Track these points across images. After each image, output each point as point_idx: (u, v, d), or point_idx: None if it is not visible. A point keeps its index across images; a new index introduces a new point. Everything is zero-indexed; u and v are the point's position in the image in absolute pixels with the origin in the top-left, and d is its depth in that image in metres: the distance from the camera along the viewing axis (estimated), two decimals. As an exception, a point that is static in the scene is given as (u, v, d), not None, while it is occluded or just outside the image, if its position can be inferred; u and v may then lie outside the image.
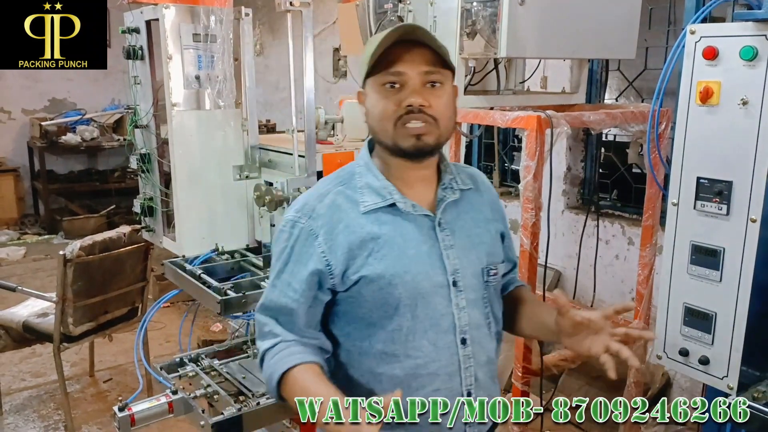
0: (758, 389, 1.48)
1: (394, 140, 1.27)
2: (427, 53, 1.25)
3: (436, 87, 1.27)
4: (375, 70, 1.26)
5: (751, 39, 1.37)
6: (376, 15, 2.36)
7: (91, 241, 3.07)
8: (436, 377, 1.31)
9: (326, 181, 1.38)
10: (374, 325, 1.30)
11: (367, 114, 1.32)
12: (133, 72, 2.46)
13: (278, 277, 1.33)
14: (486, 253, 1.38)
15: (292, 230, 1.32)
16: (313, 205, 1.32)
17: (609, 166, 3.95)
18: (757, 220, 1.39)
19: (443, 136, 1.29)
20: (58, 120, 7.10)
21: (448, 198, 1.35)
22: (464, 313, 1.33)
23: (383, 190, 1.31)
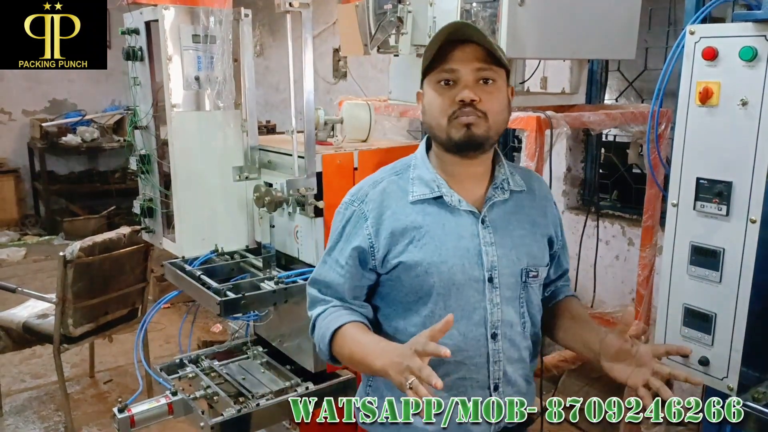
0: (758, 390, 1.48)
1: (447, 133, 1.33)
2: (480, 51, 1.31)
3: (489, 84, 1.32)
4: (430, 68, 1.34)
5: (751, 39, 1.37)
6: (375, 16, 2.36)
7: (91, 242, 3.07)
8: (462, 366, 1.36)
9: (383, 170, 1.47)
10: (410, 310, 1.38)
11: (424, 112, 1.39)
12: (133, 73, 2.45)
13: (329, 254, 1.46)
14: (527, 255, 1.41)
15: (345, 212, 1.43)
16: (366, 191, 1.42)
17: (609, 166, 3.94)
18: (757, 220, 1.39)
19: (492, 130, 1.34)
20: (58, 121, 7.11)
21: (497, 197, 1.41)
22: (497, 309, 1.37)
23: (432, 182, 1.39)
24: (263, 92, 6.54)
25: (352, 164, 2.18)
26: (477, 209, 1.39)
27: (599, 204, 3.74)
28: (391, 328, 1.41)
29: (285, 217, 2.23)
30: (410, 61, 2.38)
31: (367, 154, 2.21)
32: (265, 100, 6.66)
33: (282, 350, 2.35)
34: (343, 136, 2.36)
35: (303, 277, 2.13)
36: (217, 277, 2.20)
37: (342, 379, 2.19)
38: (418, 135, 4.94)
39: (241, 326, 2.54)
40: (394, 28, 2.28)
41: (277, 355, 2.35)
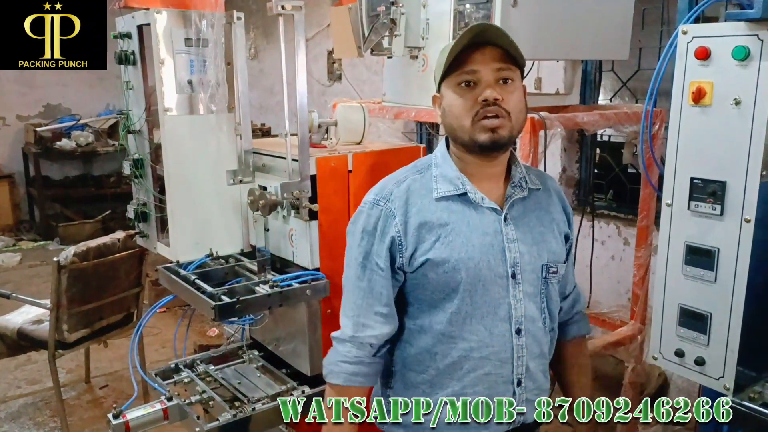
0: (754, 390, 1.48)
1: (471, 135, 1.34)
2: (497, 52, 1.33)
3: (508, 83, 1.35)
4: (450, 71, 1.35)
5: (743, 39, 1.37)
6: (368, 18, 2.35)
7: (85, 247, 3.06)
8: (488, 362, 1.39)
9: (405, 170, 1.48)
10: (436, 307, 1.39)
11: (444, 114, 1.40)
12: (126, 77, 2.44)
13: (367, 258, 1.42)
14: (547, 251, 1.44)
15: (372, 211, 1.42)
16: (391, 189, 1.42)
17: (604, 166, 3.95)
18: (751, 220, 1.39)
19: (515, 129, 1.36)
20: (52, 126, 7.09)
21: (516, 195, 1.43)
22: (521, 305, 1.40)
23: (456, 180, 1.40)
24: (258, 95, 6.53)
25: (347, 167, 2.17)
26: (499, 206, 1.41)
27: (595, 204, 3.74)
28: (416, 326, 1.43)
29: (279, 221, 2.22)
30: (404, 62, 2.38)
31: (361, 156, 2.20)
32: (259, 103, 6.65)
33: (278, 354, 2.34)
34: (338, 139, 2.35)
35: (298, 281, 2.12)
36: (212, 282, 2.19)
37: (338, 383, 2.18)
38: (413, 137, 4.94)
39: (236, 330, 2.53)
40: (387, 30, 2.27)
41: (272, 359, 2.34)
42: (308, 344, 2.14)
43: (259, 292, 2.09)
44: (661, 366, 1.65)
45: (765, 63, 1.34)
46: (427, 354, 1.41)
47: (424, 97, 2.28)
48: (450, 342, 1.38)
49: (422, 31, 2.25)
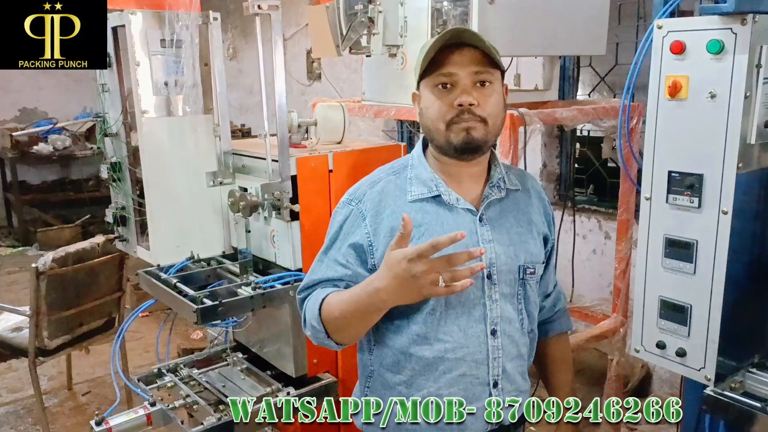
0: (735, 379, 1.49)
1: (445, 138, 1.34)
2: (476, 54, 1.32)
3: (486, 86, 1.34)
4: (428, 71, 1.34)
5: (717, 33, 1.38)
6: (346, 17, 2.34)
7: (63, 253, 3.02)
8: (463, 362, 1.38)
9: (381, 170, 1.48)
10: (411, 307, 1.37)
11: (421, 114, 1.39)
12: (101, 80, 2.42)
13: (325, 253, 1.45)
14: (525, 252, 1.43)
15: (342, 211, 1.44)
16: (364, 191, 1.43)
17: (584, 161, 3.98)
18: (729, 211, 1.40)
19: (491, 133, 1.36)
20: (29, 130, 6.98)
21: (494, 196, 1.43)
22: (496, 306, 1.39)
23: (430, 182, 1.40)
24: (237, 95, 6.49)
25: (327, 166, 2.17)
26: (474, 207, 1.41)
27: (575, 199, 3.77)
28: (392, 326, 1.42)
29: (261, 222, 2.21)
30: (383, 61, 2.38)
31: (341, 155, 2.20)
32: (239, 103, 6.61)
33: (262, 356, 2.33)
34: (318, 139, 2.34)
35: (281, 282, 2.11)
36: (194, 285, 2.17)
37: (323, 383, 2.18)
38: (393, 135, 4.94)
39: (220, 333, 2.51)
40: (366, 28, 2.27)
41: (257, 361, 2.33)
42: (292, 346, 2.13)
43: (241, 294, 2.07)
44: (643, 358, 1.66)
45: (739, 56, 1.35)
46: (402, 355, 1.40)
47: (404, 96, 2.28)
48: (425, 342, 1.38)
49: (400, 29, 2.25)
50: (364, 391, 1.49)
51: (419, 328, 1.37)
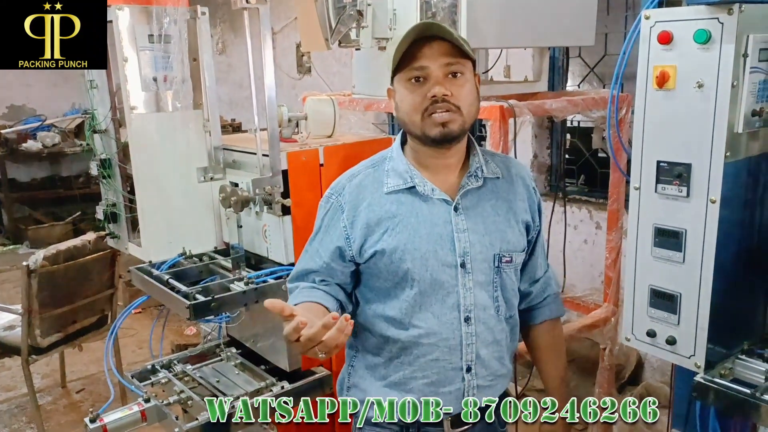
0: (725, 366, 1.50)
1: (422, 130, 1.38)
2: (446, 46, 1.35)
3: (458, 77, 1.37)
4: (400, 66, 1.38)
5: (705, 22, 1.38)
6: (335, 10, 2.34)
7: (54, 250, 3.01)
8: (436, 348, 1.43)
9: (362, 164, 1.53)
10: (389, 294, 1.44)
11: (397, 108, 1.43)
12: (89, 76, 2.40)
13: (310, 244, 1.54)
14: (501, 241, 1.46)
15: (325, 205, 1.50)
16: (344, 184, 1.48)
17: (575, 151, 3.99)
18: (717, 200, 1.41)
19: (467, 122, 1.40)
20: (17, 127, 6.93)
21: (470, 185, 1.45)
22: (470, 294, 1.43)
23: (405, 173, 1.44)
24: (227, 90, 6.47)
25: (318, 160, 2.17)
26: (451, 197, 1.43)
27: (566, 189, 3.78)
28: (373, 312, 1.48)
29: (252, 217, 2.21)
30: (372, 54, 2.37)
31: (332, 149, 2.19)
32: (229, 98, 6.58)
33: (256, 350, 2.33)
34: (308, 133, 2.34)
35: (273, 277, 2.11)
36: (186, 281, 2.17)
37: (317, 377, 2.18)
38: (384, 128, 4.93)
39: (213, 329, 2.51)
40: (355, 21, 2.26)
41: (251, 356, 2.33)
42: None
43: (234, 290, 2.07)
44: (634, 347, 1.67)
45: (726, 46, 1.36)
46: (381, 338, 1.47)
47: (394, 88, 2.27)
48: (401, 327, 1.44)
49: (389, 22, 2.25)
50: (348, 370, 1.57)
51: (396, 313, 1.44)
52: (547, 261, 1.66)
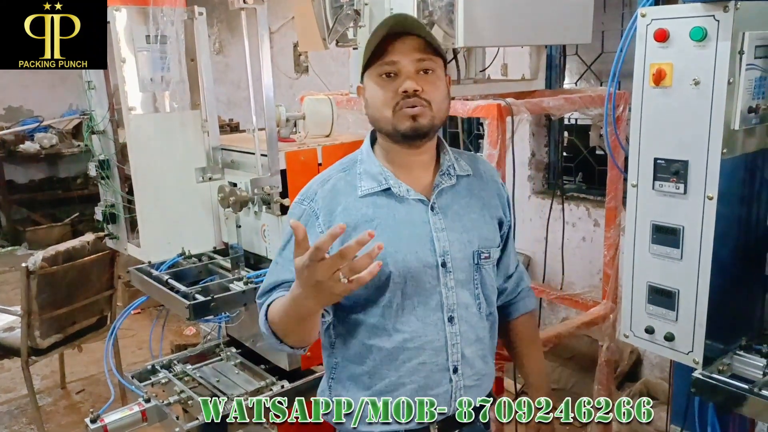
0: (723, 362, 1.51)
1: (393, 125, 1.35)
2: (418, 42, 1.34)
3: (429, 73, 1.35)
4: (371, 62, 1.36)
5: (700, 20, 1.39)
6: (332, 9, 2.34)
7: (54, 252, 3.01)
8: (423, 351, 1.40)
9: (331, 168, 1.49)
10: (369, 300, 1.39)
11: (367, 105, 1.41)
12: (87, 77, 2.41)
13: (280, 254, 1.45)
14: (479, 237, 1.45)
15: (294, 210, 1.45)
16: (315, 189, 1.44)
17: (572, 149, 4.00)
18: (714, 197, 1.42)
19: (437, 118, 1.37)
20: (15, 128, 6.92)
21: (444, 183, 1.44)
22: (452, 293, 1.41)
23: (379, 175, 1.41)
24: (225, 90, 6.47)
25: (316, 160, 2.17)
26: (426, 197, 1.42)
27: (564, 187, 3.79)
28: (352, 320, 1.42)
29: (251, 217, 2.21)
30: (369, 53, 2.37)
31: (330, 149, 2.20)
32: (227, 98, 6.58)
33: (255, 350, 2.33)
34: (306, 132, 2.34)
35: (272, 276, 2.11)
36: (186, 281, 2.18)
37: (317, 376, 2.18)
38: (382, 127, 4.93)
39: (213, 328, 2.51)
40: (352, 21, 2.26)
41: (250, 356, 2.34)
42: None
43: (233, 290, 2.08)
44: (632, 343, 1.68)
45: (722, 43, 1.36)
46: (363, 347, 1.42)
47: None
48: (384, 334, 1.39)
49: (386, 21, 2.25)
50: (329, 382, 1.51)
51: (377, 320, 1.39)
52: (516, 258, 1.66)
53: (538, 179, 4.00)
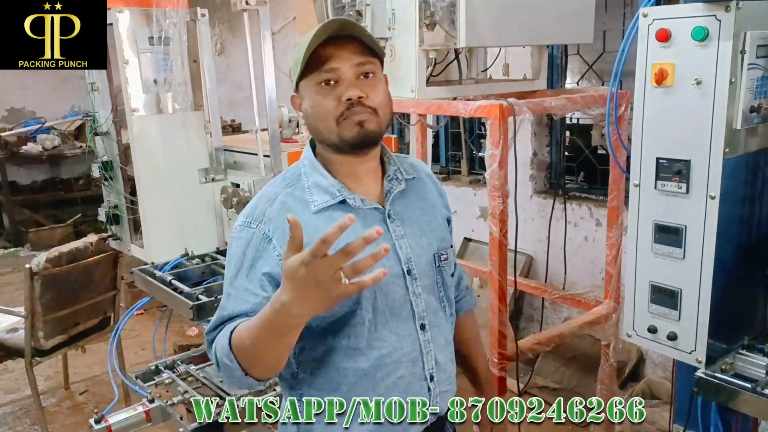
0: (726, 361, 1.51)
1: (338, 135, 1.27)
2: (356, 45, 1.26)
3: (370, 77, 1.28)
4: (308, 70, 1.26)
5: (702, 20, 1.39)
6: (334, 9, 2.35)
7: (57, 253, 3.02)
8: (400, 365, 1.34)
9: (273, 185, 1.37)
10: (338, 321, 1.30)
11: (307, 116, 1.31)
12: (90, 79, 2.41)
13: (231, 284, 1.30)
14: (436, 239, 1.42)
15: (241, 235, 1.30)
16: (263, 210, 1.30)
17: (574, 149, 3.99)
18: (716, 196, 1.42)
19: (383, 123, 1.31)
20: (17, 130, 6.94)
21: (395, 189, 1.38)
22: (421, 300, 1.36)
23: (332, 188, 1.32)
24: (227, 91, 6.47)
25: (319, 160, 2.17)
26: (380, 205, 1.35)
27: (566, 187, 3.79)
28: (320, 346, 1.32)
29: (254, 217, 2.21)
30: (371, 54, 2.38)
31: (333, 149, 2.20)
32: (228, 99, 6.59)
33: (258, 350, 2.33)
34: (309, 133, 2.34)
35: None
36: (189, 281, 2.18)
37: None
38: (384, 127, 4.93)
39: (215, 329, 2.52)
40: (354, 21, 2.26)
41: (253, 356, 2.34)
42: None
43: (236, 290, 2.08)
44: (635, 343, 1.68)
45: (723, 43, 1.36)
46: (336, 371, 1.32)
47: (394, 88, 2.27)
48: (358, 354, 1.31)
49: (388, 22, 2.25)
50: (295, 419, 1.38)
51: (351, 341, 1.31)
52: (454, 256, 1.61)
53: (540, 179, 4.00)
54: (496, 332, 2.14)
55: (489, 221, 2.10)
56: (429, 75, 2.35)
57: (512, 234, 2.11)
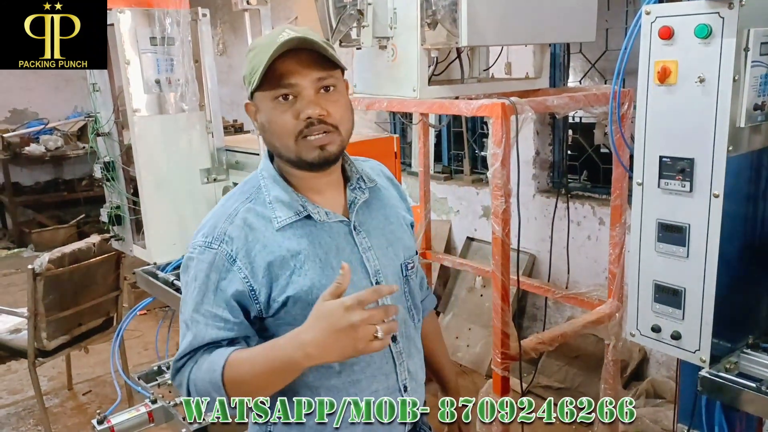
0: (730, 360, 1.51)
1: (297, 154, 1.22)
2: (315, 58, 1.20)
3: (330, 91, 1.23)
4: (265, 83, 1.20)
5: (705, 17, 1.39)
6: (336, 9, 2.34)
7: (59, 254, 3.02)
8: (374, 379, 1.32)
9: (232, 199, 1.30)
10: None
11: (263, 129, 1.26)
12: (92, 79, 2.41)
13: (197, 310, 1.23)
14: (402, 248, 1.39)
15: (202, 257, 1.23)
16: (224, 228, 1.23)
17: (577, 148, 3.98)
18: (720, 195, 1.41)
19: (345, 140, 1.26)
20: (20, 131, 6.96)
21: (359, 199, 1.33)
22: None
23: (295, 203, 1.26)
24: (228, 91, 6.47)
25: (321, 160, 2.16)
26: (345, 217, 1.31)
27: (569, 186, 3.78)
28: None
29: (256, 217, 2.21)
30: (373, 53, 2.38)
31: (334, 149, 2.19)
32: (230, 99, 6.59)
33: (261, 350, 2.33)
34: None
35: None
36: (191, 282, 2.18)
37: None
38: (386, 126, 4.95)
39: (218, 329, 2.51)
40: (355, 21, 2.26)
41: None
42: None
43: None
44: (638, 342, 1.67)
45: (726, 40, 1.36)
46: (308, 390, 1.28)
47: (396, 87, 2.28)
48: (331, 373, 1.28)
49: (390, 21, 2.25)
50: None
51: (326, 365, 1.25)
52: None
53: (543, 178, 3.99)
54: (499, 332, 2.14)
55: (492, 220, 2.09)
56: (431, 74, 2.34)
57: (515, 233, 2.10)
